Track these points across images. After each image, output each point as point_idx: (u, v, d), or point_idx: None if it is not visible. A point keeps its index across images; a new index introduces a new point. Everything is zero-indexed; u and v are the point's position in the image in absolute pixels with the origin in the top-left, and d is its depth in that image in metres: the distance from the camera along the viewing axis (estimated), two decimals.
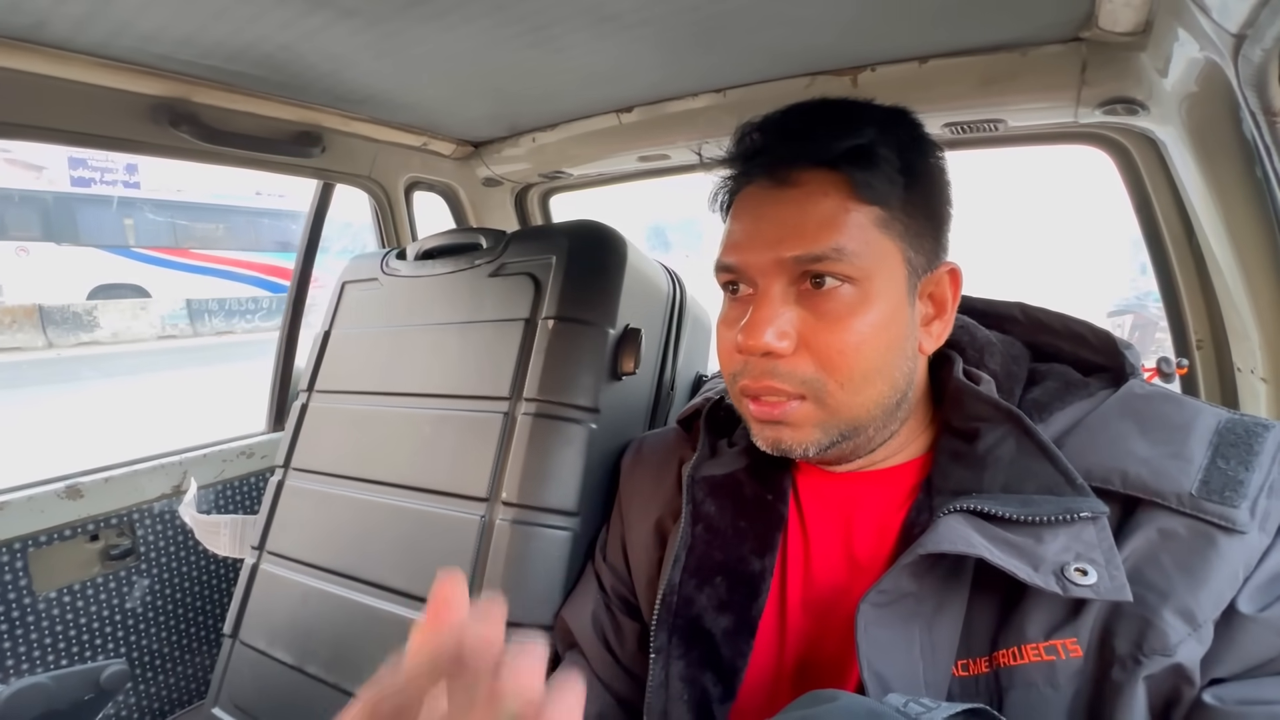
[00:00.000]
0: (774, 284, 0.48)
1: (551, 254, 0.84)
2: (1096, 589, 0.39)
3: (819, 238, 0.46)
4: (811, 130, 0.49)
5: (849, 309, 0.47)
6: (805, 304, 0.48)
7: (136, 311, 11.07)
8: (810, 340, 0.47)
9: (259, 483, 1.23)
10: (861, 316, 0.47)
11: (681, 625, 0.55)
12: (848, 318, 0.47)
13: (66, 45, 0.74)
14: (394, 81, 0.92)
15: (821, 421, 0.49)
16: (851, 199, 0.47)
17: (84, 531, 1.00)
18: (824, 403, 0.48)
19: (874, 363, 0.47)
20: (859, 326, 0.47)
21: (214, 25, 0.71)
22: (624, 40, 0.78)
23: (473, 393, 0.83)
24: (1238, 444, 0.43)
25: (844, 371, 0.47)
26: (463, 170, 1.37)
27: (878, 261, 0.47)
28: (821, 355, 0.47)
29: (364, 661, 0.78)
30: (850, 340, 0.47)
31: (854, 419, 0.49)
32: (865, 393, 0.48)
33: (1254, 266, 0.73)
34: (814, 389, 0.48)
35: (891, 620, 0.44)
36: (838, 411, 0.48)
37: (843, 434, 0.49)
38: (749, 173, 0.51)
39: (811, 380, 0.47)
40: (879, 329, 0.47)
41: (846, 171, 0.47)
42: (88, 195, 8.66)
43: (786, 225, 0.47)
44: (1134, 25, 0.65)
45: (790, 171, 0.48)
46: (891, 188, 0.48)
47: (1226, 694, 0.39)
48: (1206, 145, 0.70)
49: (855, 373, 0.47)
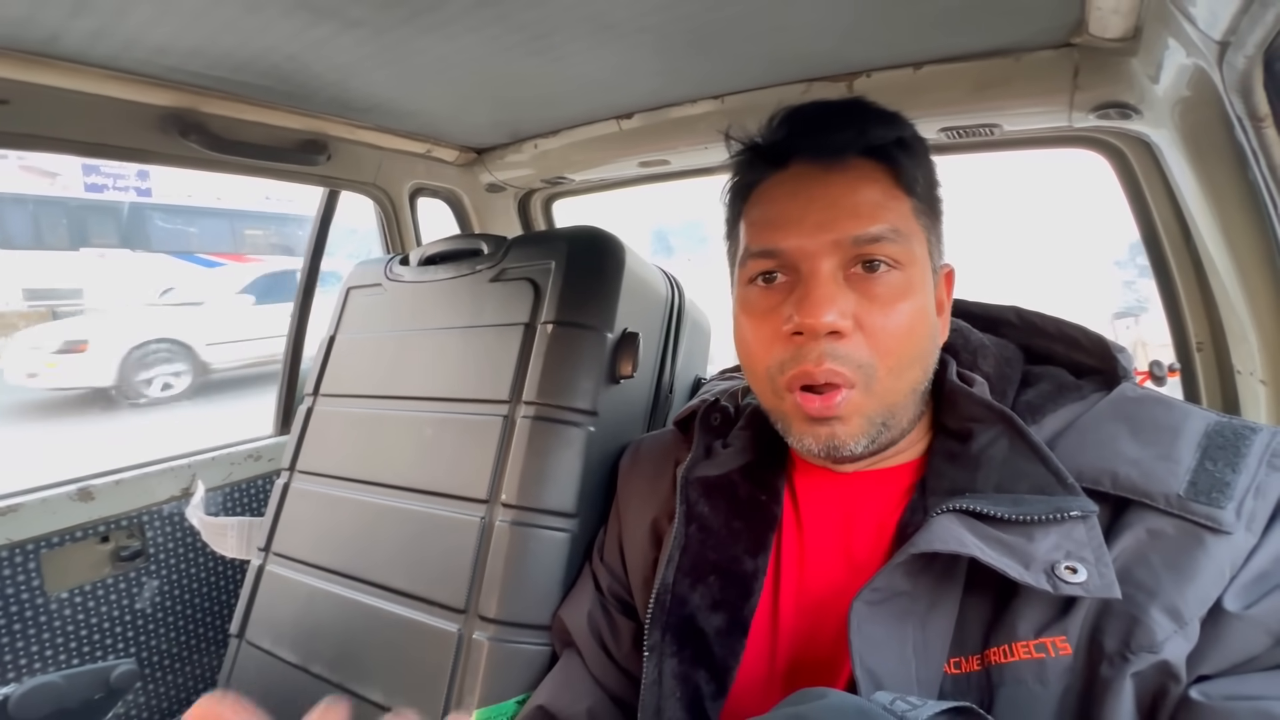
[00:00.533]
0: (823, 266, 0.47)
1: (551, 259, 0.85)
2: (1086, 587, 0.40)
3: (874, 218, 0.47)
4: (859, 118, 0.50)
5: (899, 293, 0.47)
6: (856, 287, 0.48)
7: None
8: (864, 322, 0.47)
9: (266, 485, 1.25)
10: (909, 301, 0.48)
11: (675, 624, 0.56)
12: (898, 301, 0.47)
13: (80, 58, 0.76)
14: (398, 90, 0.94)
15: (867, 412, 0.48)
16: (895, 187, 0.49)
17: (95, 533, 1.02)
18: (870, 389, 0.48)
19: (919, 348, 0.49)
20: (908, 310, 0.48)
21: (223, 37, 0.73)
22: (623, 48, 0.79)
23: (473, 396, 0.84)
24: (1226, 446, 0.43)
25: (895, 355, 0.47)
26: (466, 176, 1.39)
27: (917, 250, 0.49)
28: (876, 338, 0.47)
29: (367, 661, 0.79)
30: (903, 323, 0.47)
31: (893, 406, 0.49)
32: (907, 377, 0.49)
33: (1251, 269, 0.73)
34: (865, 374, 0.47)
35: (885, 618, 0.45)
36: (881, 398, 0.48)
37: (884, 423, 0.49)
38: (791, 154, 0.51)
39: (866, 365, 0.47)
40: (922, 314, 0.49)
41: (893, 160, 0.49)
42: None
43: (840, 206, 0.47)
44: (1124, 31, 0.66)
45: (840, 154, 0.49)
46: (922, 183, 0.50)
47: (1213, 690, 0.39)
48: (1200, 149, 0.70)
49: (905, 356, 0.48)
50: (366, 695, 0.77)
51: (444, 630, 0.74)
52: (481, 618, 0.72)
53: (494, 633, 0.71)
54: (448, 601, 0.75)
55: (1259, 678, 0.39)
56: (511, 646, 0.71)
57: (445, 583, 0.76)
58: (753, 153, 0.54)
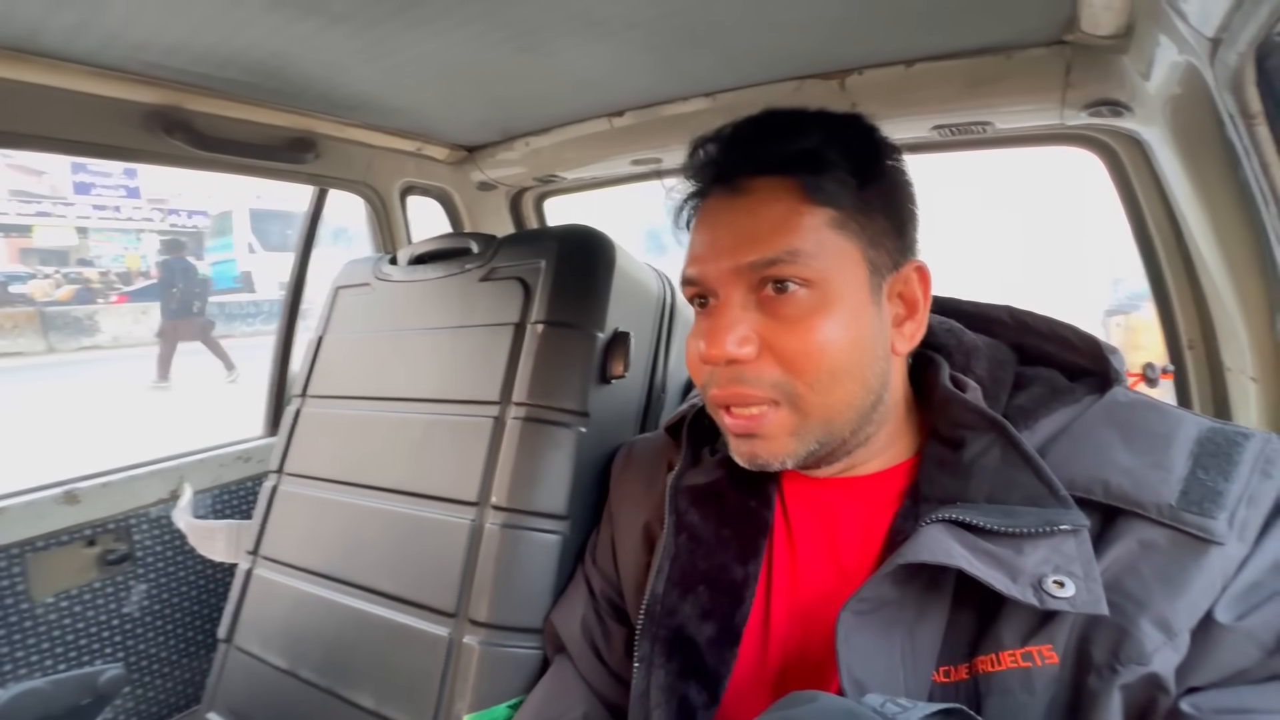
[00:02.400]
0: (734, 292, 0.49)
1: (541, 258, 0.85)
2: (1073, 602, 0.39)
3: (772, 242, 0.47)
4: (759, 138, 0.49)
5: (809, 311, 0.47)
6: (766, 310, 0.48)
7: (138, 315, 11.02)
8: (773, 344, 0.48)
9: (255, 487, 1.24)
10: (823, 317, 0.47)
11: (664, 635, 0.55)
12: (808, 319, 0.47)
13: (59, 54, 0.75)
14: (387, 87, 0.93)
15: (795, 428, 0.48)
16: (803, 202, 0.47)
17: (81, 537, 1.01)
18: (797, 406, 0.48)
19: (840, 363, 0.47)
20: (821, 327, 0.47)
21: (203, 32, 0.71)
22: (613, 45, 0.78)
23: (463, 397, 0.83)
24: (1217, 454, 0.43)
25: (810, 373, 0.47)
26: (457, 175, 1.37)
27: (835, 262, 0.47)
28: (785, 358, 0.47)
29: (356, 666, 0.79)
30: (813, 341, 0.47)
31: (827, 421, 0.49)
32: (836, 393, 0.48)
33: (1241, 267, 0.73)
34: (784, 391, 0.48)
35: (873, 628, 0.44)
36: (810, 414, 0.48)
37: (819, 440, 0.49)
38: (703, 184, 0.52)
39: (780, 383, 0.48)
40: (842, 329, 0.47)
41: (796, 175, 0.47)
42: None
43: (741, 232, 0.48)
44: (1115, 29, 0.66)
45: (741, 179, 0.49)
46: (843, 189, 0.48)
47: (1203, 702, 0.39)
48: (1191, 146, 0.70)
49: (822, 373, 0.47)
50: (356, 700, 0.77)
51: (434, 634, 0.73)
52: (472, 621, 0.72)
53: (485, 636, 0.71)
54: (438, 605, 0.75)
55: (1250, 690, 0.39)
56: (502, 650, 0.70)
57: (435, 586, 0.75)
58: (688, 179, 0.54)
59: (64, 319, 10.15)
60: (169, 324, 7.59)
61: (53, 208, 14.26)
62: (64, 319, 10.15)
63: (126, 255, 15.43)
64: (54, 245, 14.58)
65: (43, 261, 13.97)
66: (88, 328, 10.29)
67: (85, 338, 10.19)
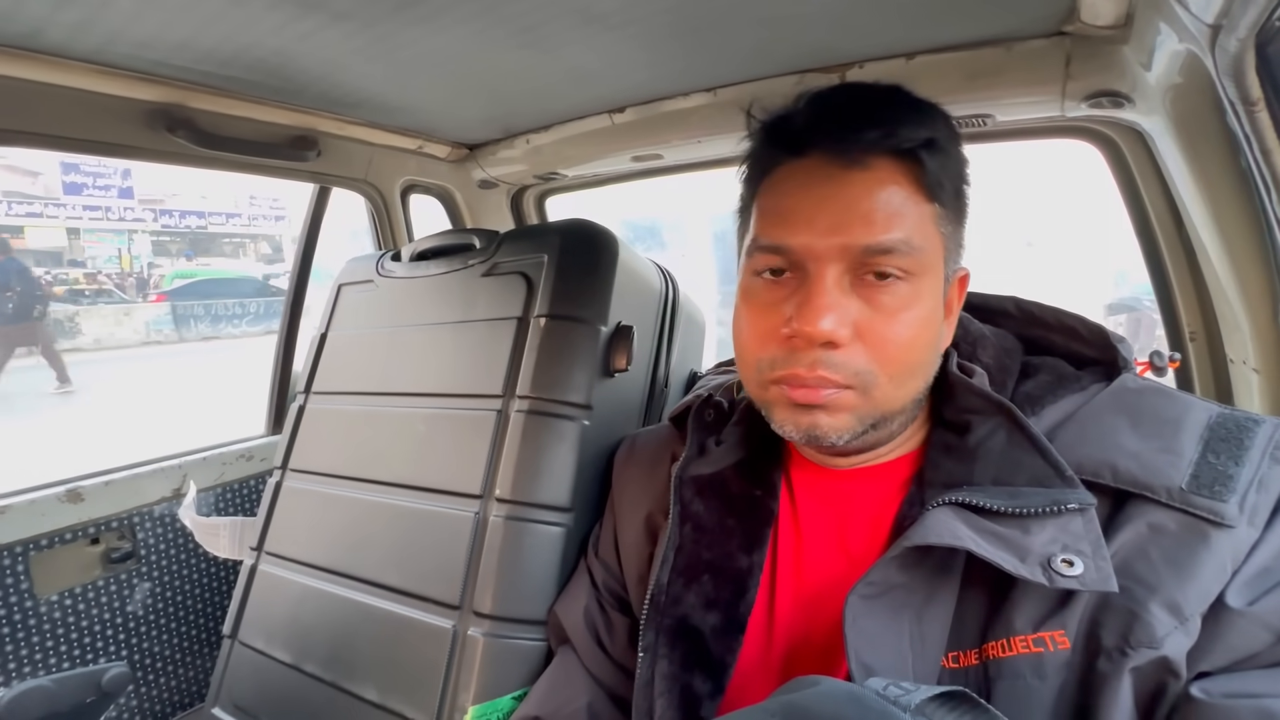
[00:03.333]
0: (830, 270, 0.45)
1: (543, 253, 0.85)
2: (1083, 580, 0.39)
3: (889, 227, 0.44)
4: (887, 113, 0.46)
5: (905, 303, 0.46)
6: (861, 295, 0.46)
7: (120, 317, 10.86)
8: (866, 332, 0.46)
9: (258, 485, 1.24)
10: (915, 311, 0.46)
11: (669, 625, 0.55)
12: (903, 312, 0.46)
13: (62, 52, 0.75)
14: (388, 85, 0.93)
15: (861, 411, 0.47)
16: (919, 192, 0.45)
17: (85, 535, 1.01)
18: (869, 394, 0.46)
19: (921, 358, 0.47)
20: (913, 322, 0.46)
21: (207, 31, 0.72)
22: (612, 40, 0.79)
23: (467, 391, 0.83)
24: (1228, 439, 0.43)
25: (896, 364, 0.46)
26: (458, 173, 1.38)
27: (931, 258, 0.46)
28: (877, 348, 0.46)
29: (361, 659, 0.79)
30: (907, 335, 0.46)
31: (888, 411, 0.48)
32: (907, 386, 0.48)
33: (1243, 257, 0.73)
34: (864, 381, 0.46)
35: (880, 612, 0.44)
36: (879, 404, 0.47)
37: (874, 424, 0.48)
38: (810, 143, 0.47)
39: (864, 372, 0.46)
40: (927, 325, 0.47)
41: (919, 163, 0.45)
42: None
43: (855, 211, 0.45)
44: (1115, 18, 0.66)
45: (863, 153, 0.45)
46: (950, 187, 0.47)
47: (1213, 687, 0.39)
48: (1191, 136, 0.70)
49: (906, 367, 0.47)
50: (361, 694, 0.77)
51: (439, 627, 0.73)
52: (476, 613, 0.72)
53: (489, 628, 0.71)
54: (442, 598, 0.75)
55: (1260, 675, 0.39)
56: (506, 642, 0.71)
57: (439, 579, 0.76)
58: (772, 134, 0.50)
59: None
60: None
61: (44, 209, 14.26)
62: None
63: (121, 257, 15.45)
64: (46, 246, 14.58)
65: (37, 263, 13.99)
66: (69, 330, 10.11)
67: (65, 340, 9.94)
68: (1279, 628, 0.39)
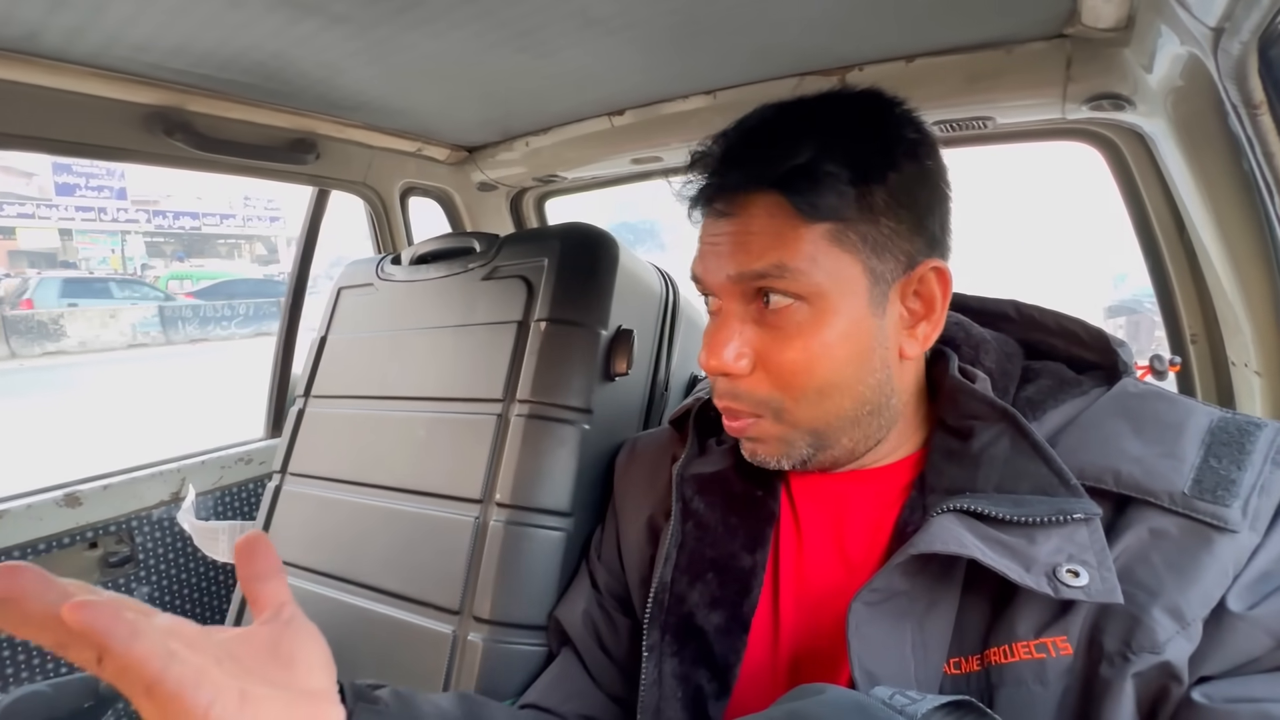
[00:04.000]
0: (733, 302, 0.49)
1: (543, 256, 0.84)
2: (1088, 591, 0.39)
3: (762, 255, 0.47)
4: (752, 153, 0.48)
5: (800, 327, 0.47)
6: (761, 322, 0.49)
7: (106, 319, 10.61)
8: (765, 358, 0.48)
9: (257, 489, 1.24)
10: (814, 333, 0.47)
11: (674, 623, 0.55)
12: (799, 336, 0.47)
13: (59, 56, 0.75)
14: (386, 87, 0.93)
15: (783, 436, 0.50)
16: (794, 219, 0.46)
17: (83, 539, 1.01)
18: (781, 418, 0.49)
19: (829, 378, 0.48)
20: (811, 343, 0.47)
21: (204, 34, 0.71)
22: (611, 43, 0.78)
23: (467, 395, 0.83)
24: (1230, 443, 0.43)
25: (797, 389, 0.48)
26: (457, 175, 1.38)
27: (830, 277, 0.46)
28: (775, 373, 0.48)
29: (361, 664, 0.78)
30: (802, 358, 0.47)
31: (814, 430, 0.49)
32: (823, 405, 0.48)
33: (1244, 260, 0.73)
34: (770, 408, 0.49)
35: (883, 619, 0.44)
36: (796, 424, 0.49)
37: (810, 446, 0.50)
38: (702, 195, 0.52)
39: (767, 400, 0.49)
40: (835, 344, 0.47)
41: (790, 191, 0.46)
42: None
43: (735, 243, 0.48)
44: (1116, 21, 0.66)
45: (735, 195, 0.48)
46: (841, 200, 0.45)
47: (1215, 692, 0.39)
48: (1193, 139, 0.70)
49: (809, 389, 0.48)
50: None
51: (438, 632, 0.73)
52: (476, 619, 0.72)
53: (489, 633, 0.71)
54: (442, 603, 0.74)
55: (1261, 679, 0.39)
56: (507, 647, 0.70)
57: (439, 584, 0.75)
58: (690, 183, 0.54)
59: (27, 323, 9.84)
60: None
61: (36, 209, 14.23)
62: (27, 323, 9.84)
63: (111, 257, 15.43)
64: (39, 247, 14.54)
65: (31, 264, 13.95)
66: (53, 332, 10.00)
67: (50, 342, 9.91)
68: (1279, 632, 0.39)
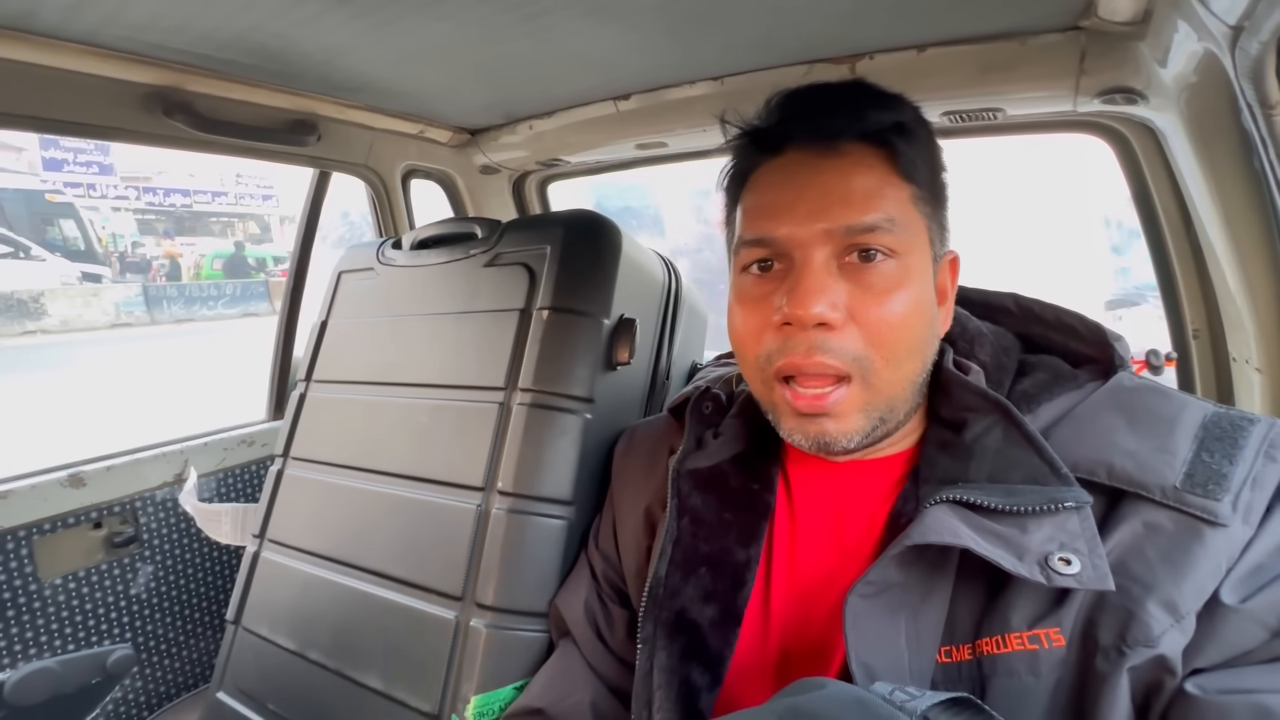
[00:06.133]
0: (817, 255, 0.47)
1: (546, 244, 0.84)
2: (1080, 578, 0.40)
3: (868, 207, 0.46)
4: (854, 102, 0.48)
5: (895, 283, 0.46)
6: (850, 277, 0.47)
7: (88, 298, 10.35)
8: (858, 314, 0.46)
9: (259, 471, 1.24)
10: (906, 291, 0.47)
11: (667, 618, 0.56)
12: (893, 291, 0.46)
13: (57, 34, 0.74)
14: (389, 69, 0.91)
15: (865, 405, 0.48)
16: (894, 173, 0.47)
17: (87, 519, 1.01)
18: (868, 382, 0.47)
19: (917, 338, 0.48)
20: (904, 301, 0.47)
21: (205, 13, 0.70)
22: (619, 28, 0.77)
23: (468, 383, 0.83)
24: (1223, 438, 0.43)
25: (890, 346, 0.47)
26: (460, 158, 1.36)
27: (915, 237, 0.48)
28: (871, 329, 0.46)
29: (365, 648, 0.79)
30: (899, 314, 0.47)
31: (892, 398, 0.49)
32: (905, 369, 0.48)
33: (1250, 257, 0.73)
34: (861, 367, 0.46)
35: (878, 611, 0.45)
36: (880, 391, 0.48)
37: (882, 416, 0.49)
38: (785, 140, 0.50)
39: (861, 357, 0.46)
40: (920, 305, 0.48)
41: (892, 145, 0.47)
42: None
43: (833, 194, 0.47)
44: (1133, 15, 0.65)
45: (835, 141, 0.47)
46: (925, 167, 0.49)
47: (1208, 683, 0.39)
48: (1205, 136, 0.69)
49: (901, 348, 0.47)
50: (364, 682, 0.78)
51: (441, 617, 0.74)
52: (479, 605, 0.73)
53: (491, 620, 0.72)
54: (445, 589, 0.75)
55: (1254, 671, 0.39)
56: (509, 633, 0.71)
57: (442, 570, 0.76)
58: (747, 138, 0.53)
59: (6, 302, 9.63)
60: None
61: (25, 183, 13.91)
62: (6, 302, 9.63)
63: (103, 234, 15.18)
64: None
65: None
66: (34, 311, 9.81)
67: (30, 321, 9.73)
68: (1272, 624, 0.39)
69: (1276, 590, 0.40)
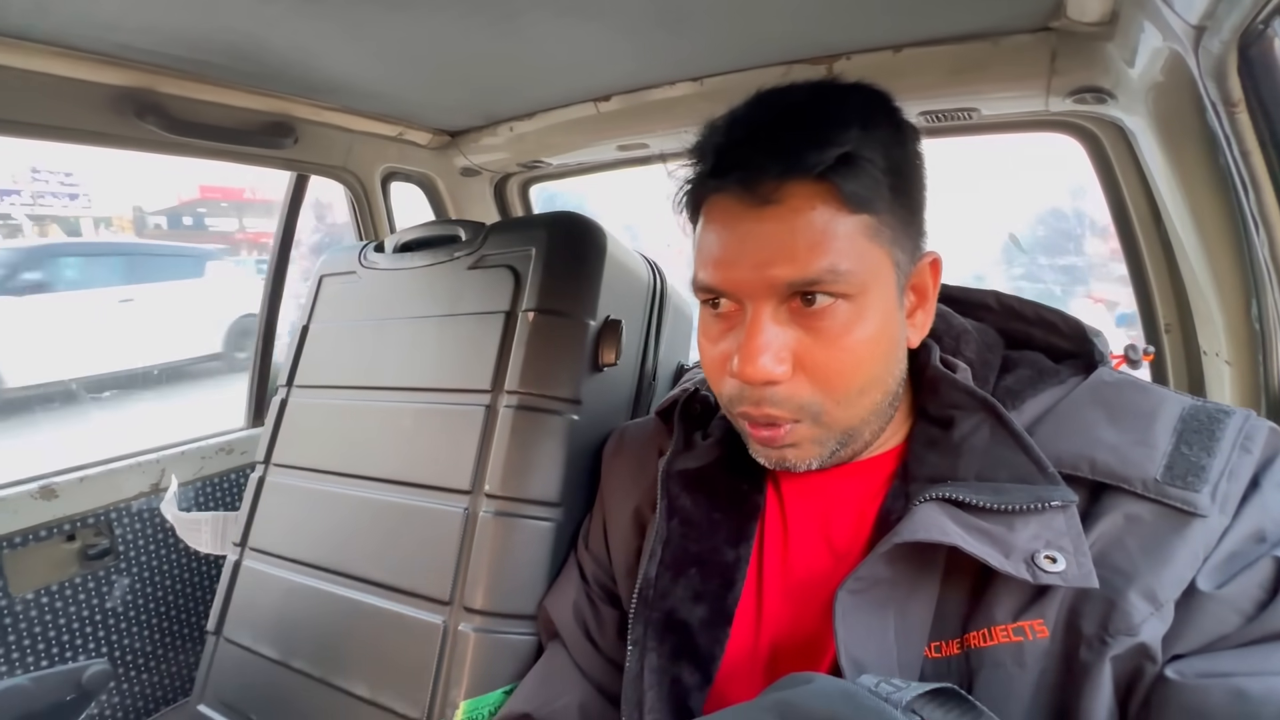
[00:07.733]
0: (764, 305, 0.46)
1: (531, 246, 0.84)
2: (1065, 576, 0.40)
3: (811, 260, 0.44)
4: (790, 138, 0.44)
5: (844, 326, 0.45)
6: (798, 322, 0.46)
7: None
8: (806, 360, 0.46)
9: (239, 479, 1.22)
10: (857, 332, 0.45)
11: (657, 619, 0.56)
12: (843, 335, 0.45)
13: (23, 34, 0.72)
14: (365, 70, 0.90)
15: (818, 439, 0.49)
16: (840, 211, 0.44)
17: (60, 532, 0.99)
18: (820, 421, 0.48)
19: (870, 376, 0.47)
20: (855, 343, 0.46)
21: (175, 13, 0.69)
22: (597, 28, 0.77)
23: (454, 386, 0.82)
24: (1200, 430, 0.44)
25: (841, 390, 0.46)
26: (440, 160, 1.35)
27: (871, 274, 0.45)
28: (819, 376, 0.46)
29: (351, 655, 0.78)
30: (848, 360, 0.46)
31: (849, 428, 0.49)
32: (859, 404, 0.48)
33: (1218, 253, 0.75)
34: (810, 411, 0.47)
35: (867, 607, 0.45)
36: (833, 426, 0.48)
37: (839, 443, 0.49)
38: (722, 186, 0.47)
39: (808, 404, 0.47)
40: (874, 342, 0.46)
41: (833, 182, 0.43)
42: None
43: (774, 246, 0.44)
44: (1101, 15, 0.66)
45: (770, 186, 0.44)
46: (878, 191, 0.45)
47: (1186, 668, 0.40)
48: (1172, 134, 0.71)
49: (852, 389, 0.47)
50: (350, 689, 0.77)
51: (429, 622, 0.73)
52: (467, 609, 0.72)
53: (479, 624, 0.71)
54: (432, 593, 0.75)
55: (1230, 655, 0.40)
56: (497, 637, 0.71)
57: (429, 575, 0.75)
58: (696, 168, 0.50)
59: None
60: None
61: None
62: None
63: None
64: None
65: None
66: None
67: None
68: (1247, 609, 0.40)
69: (1250, 576, 0.41)
